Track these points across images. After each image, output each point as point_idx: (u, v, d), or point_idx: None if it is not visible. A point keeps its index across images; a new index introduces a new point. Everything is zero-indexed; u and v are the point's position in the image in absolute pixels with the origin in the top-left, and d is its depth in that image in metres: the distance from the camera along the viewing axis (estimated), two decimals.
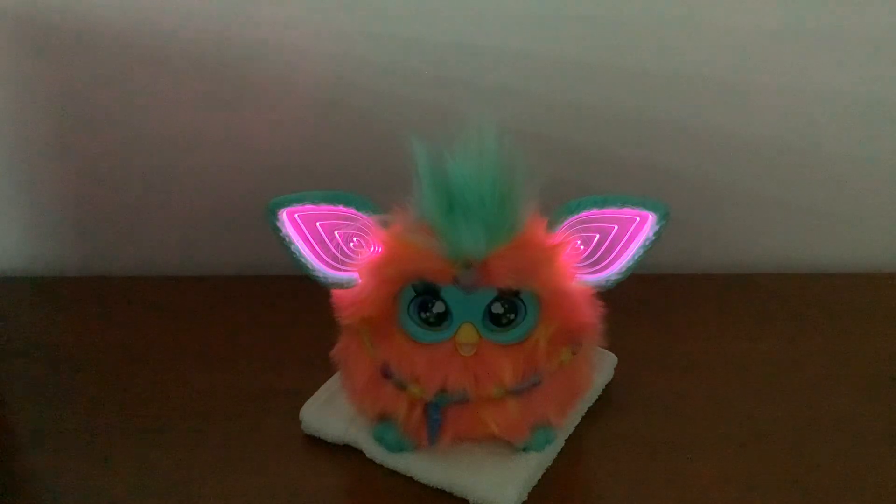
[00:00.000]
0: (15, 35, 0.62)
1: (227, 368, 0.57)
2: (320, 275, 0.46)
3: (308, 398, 0.52)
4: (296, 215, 0.45)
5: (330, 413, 0.51)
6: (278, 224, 0.44)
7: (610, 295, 0.46)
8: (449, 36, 0.62)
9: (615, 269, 0.46)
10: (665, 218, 0.45)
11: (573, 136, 0.65)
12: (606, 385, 0.55)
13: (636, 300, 0.63)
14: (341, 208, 0.44)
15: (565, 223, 0.44)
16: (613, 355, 0.56)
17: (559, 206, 0.44)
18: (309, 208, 0.44)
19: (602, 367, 0.55)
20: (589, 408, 0.53)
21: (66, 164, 0.67)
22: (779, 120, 0.65)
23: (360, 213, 0.44)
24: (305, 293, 0.46)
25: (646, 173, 0.66)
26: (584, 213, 0.45)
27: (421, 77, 0.63)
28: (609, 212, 0.45)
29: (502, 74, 0.63)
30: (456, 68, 0.63)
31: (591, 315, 0.45)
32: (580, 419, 0.52)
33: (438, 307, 0.44)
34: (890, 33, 0.62)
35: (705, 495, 0.47)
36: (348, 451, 0.50)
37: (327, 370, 0.50)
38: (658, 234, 0.45)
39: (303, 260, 0.45)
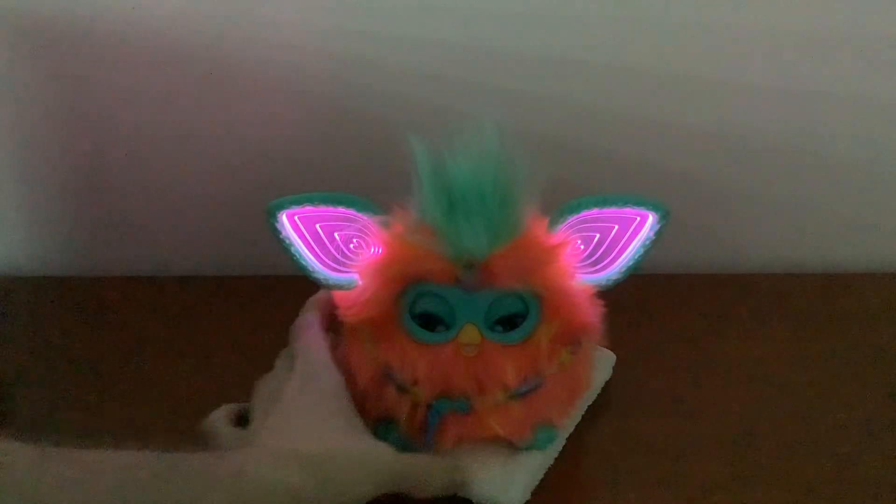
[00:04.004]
0: (14, 35, 0.62)
1: (227, 369, 0.57)
2: (321, 277, 0.46)
3: None
4: (296, 217, 0.45)
5: None
6: (278, 226, 0.44)
7: (610, 295, 0.47)
8: (449, 36, 0.62)
9: (615, 268, 0.46)
10: (665, 217, 0.45)
11: (573, 136, 0.65)
12: (606, 384, 0.55)
13: (636, 300, 0.63)
14: (342, 209, 0.44)
15: (566, 223, 0.44)
16: (612, 353, 0.56)
17: (559, 205, 0.44)
18: (309, 210, 0.44)
19: (601, 365, 0.55)
20: (589, 407, 0.53)
21: (67, 164, 0.67)
22: (779, 120, 0.65)
23: (360, 215, 0.44)
24: (305, 293, 0.46)
25: (645, 173, 0.66)
26: (585, 213, 0.45)
27: (421, 77, 0.63)
28: (609, 211, 0.45)
29: (502, 74, 0.63)
30: (456, 68, 0.63)
31: (592, 315, 0.45)
32: (580, 418, 0.52)
33: (441, 308, 0.44)
34: (890, 33, 0.62)
35: (705, 495, 0.47)
36: None
37: None
38: (658, 234, 0.45)
39: (303, 262, 0.45)
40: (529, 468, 0.47)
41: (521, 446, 0.48)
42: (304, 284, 0.46)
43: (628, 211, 0.45)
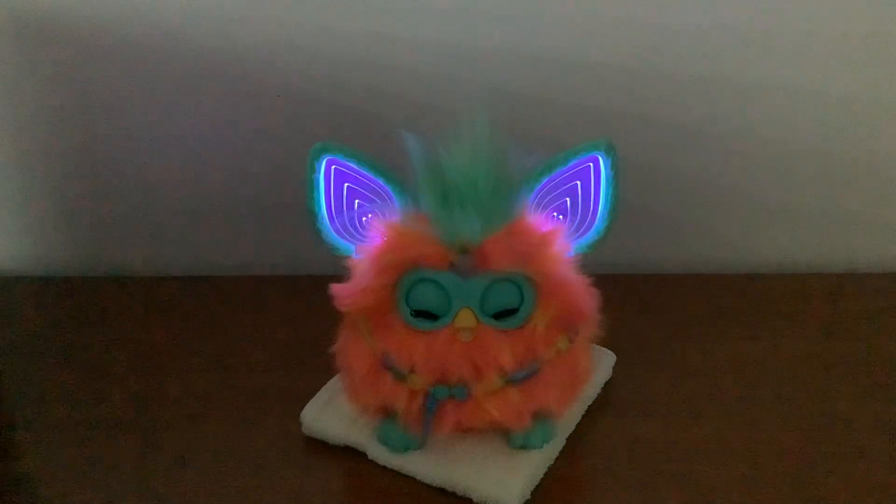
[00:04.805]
0: (15, 35, 0.62)
1: (228, 368, 0.57)
2: (323, 230, 0.46)
3: (308, 399, 0.52)
4: (333, 167, 0.45)
5: (331, 414, 0.51)
6: (316, 165, 0.45)
7: (610, 295, 0.47)
8: (447, 36, 0.62)
9: (599, 218, 0.47)
10: (611, 149, 0.45)
11: (572, 135, 0.65)
12: (606, 384, 0.55)
13: (636, 300, 0.63)
14: (378, 181, 0.45)
15: (530, 202, 0.45)
16: (612, 353, 0.56)
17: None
18: (349, 167, 0.45)
19: (601, 365, 0.55)
20: (589, 407, 0.53)
21: (67, 163, 0.67)
22: (779, 120, 0.65)
23: (391, 194, 0.45)
24: (306, 293, 0.46)
25: (644, 172, 0.66)
26: (541, 185, 0.45)
27: (419, 76, 0.63)
28: (561, 173, 0.46)
29: (499, 74, 0.63)
30: (453, 68, 0.63)
31: (587, 301, 0.45)
32: (580, 418, 0.52)
33: (436, 294, 0.44)
34: (889, 33, 0.62)
35: (705, 495, 0.48)
36: (350, 452, 0.50)
37: (328, 371, 0.50)
38: (616, 167, 0.45)
39: (317, 208, 0.46)
40: (529, 467, 0.48)
41: (518, 443, 0.48)
42: (304, 285, 0.46)
43: (577, 163, 0.45)
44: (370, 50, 0.62)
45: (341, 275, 0.46)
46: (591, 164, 0.45)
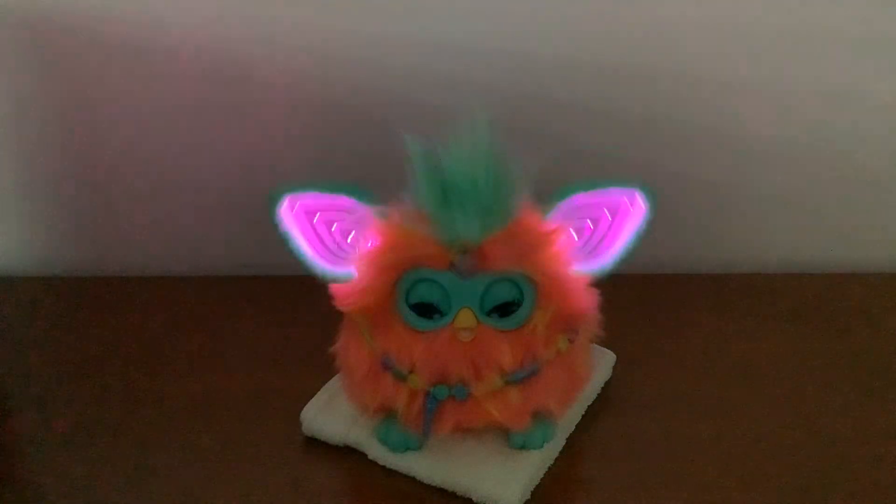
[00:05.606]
0: (15, 36, 0.62)
1: (228, 368, 0.57)
2: (318, 270, 0.46)
3: (308, 399, 0.52)
4: (296, 206, 0.45)
5: (331, 414, 0.51)
6: (279, 216, 0.44)
7: (610, 295, 0.47)
8: (446, 36, 0.62)
9: (610, 255, 0.46)
10: (652, 197, 0.45)
11: (572, 135, 0.65)
12: (606, 384, 0.55)
13: (636, 300, 0.63)
14: (342, 199, 0.45)
15: (558, 209, 0.45)
16: (612, 353, 0.56)
17: (551, 192, 0.45)
18: (309, 198, 0.44)
19: (601, 365, 0.55)
20: (589, 407, 0.53)
21: (66, 164, 0.67)
22: (778, 120, 0.65)
23: (360, 205, 0.45)
24: (305, 293, 0.46)
25: (645, 173, 0.65)
26: (575, 199, 0.45)
27: (418, 76, 0.63)
28: (598, 198, 0.45)
29: (499, 74, 0.63)
30: (453, 68, 0.63)
31: (587, 302, 0.46)
32: (580, 418, 0.52)
33: (436, 294, 0.44)
34: (890, 32, 0.62)
35: (705, 495, 0.48)
36: (350, 452, 0.50)
37: (328, 370, 0.50)
38: (646, 222, 0.45)
39: (302, 255, 0.45)
40: (529, 467, 0.48)
41: (518, 443, 0.48)
42: (304, 285, 0.46)
43: (615, 196, 0.45)
44: (369, 50, 0.63)
45: None
46: (627, 201, 0.45)
